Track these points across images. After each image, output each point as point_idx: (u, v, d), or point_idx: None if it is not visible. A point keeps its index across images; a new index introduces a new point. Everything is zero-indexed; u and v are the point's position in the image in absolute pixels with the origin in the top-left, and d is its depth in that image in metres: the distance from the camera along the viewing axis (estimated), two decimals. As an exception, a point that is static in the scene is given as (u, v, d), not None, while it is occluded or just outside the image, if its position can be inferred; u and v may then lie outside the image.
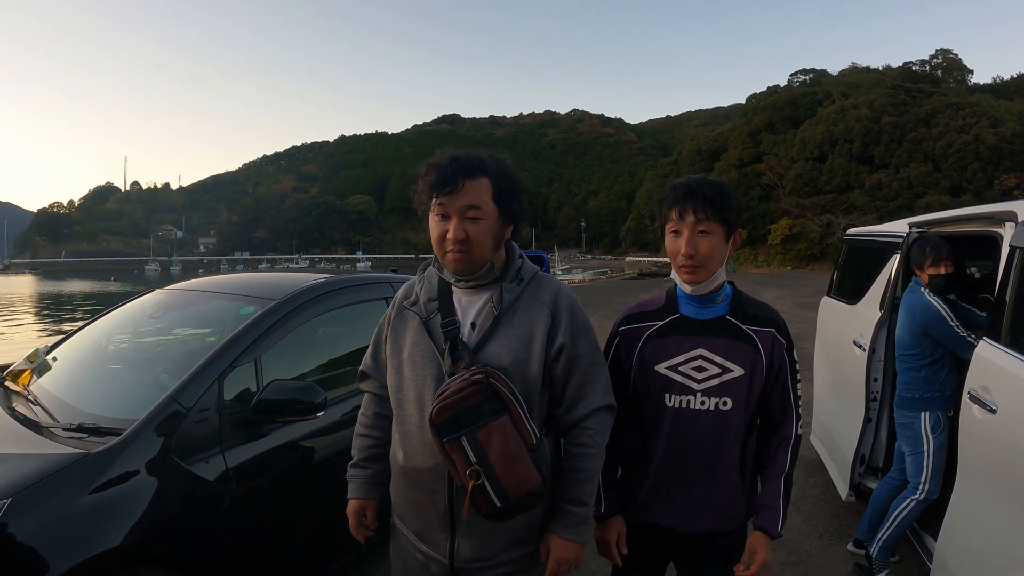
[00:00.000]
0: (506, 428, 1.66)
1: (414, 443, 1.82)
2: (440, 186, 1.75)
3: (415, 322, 1.89)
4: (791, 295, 26.35)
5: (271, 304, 3.19)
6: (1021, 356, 2.54)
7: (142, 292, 4.30)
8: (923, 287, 3.63)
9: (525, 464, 1.66)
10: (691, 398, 2.02)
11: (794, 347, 2.10)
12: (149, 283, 72.74)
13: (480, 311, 1.85)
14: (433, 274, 1.94)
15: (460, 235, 1.74)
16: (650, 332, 2.09)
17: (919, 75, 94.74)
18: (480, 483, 1.63)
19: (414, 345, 1.87)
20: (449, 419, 1.65)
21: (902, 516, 3.58)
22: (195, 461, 2.59)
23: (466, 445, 1.65)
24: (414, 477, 1.84)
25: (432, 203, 1.78)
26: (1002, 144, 65.44)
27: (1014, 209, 2.99)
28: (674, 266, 2.05)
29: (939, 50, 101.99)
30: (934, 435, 3.54)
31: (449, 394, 1.67)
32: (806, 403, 7.30)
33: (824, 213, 70.90)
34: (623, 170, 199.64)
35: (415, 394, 1.83)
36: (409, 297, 1.96)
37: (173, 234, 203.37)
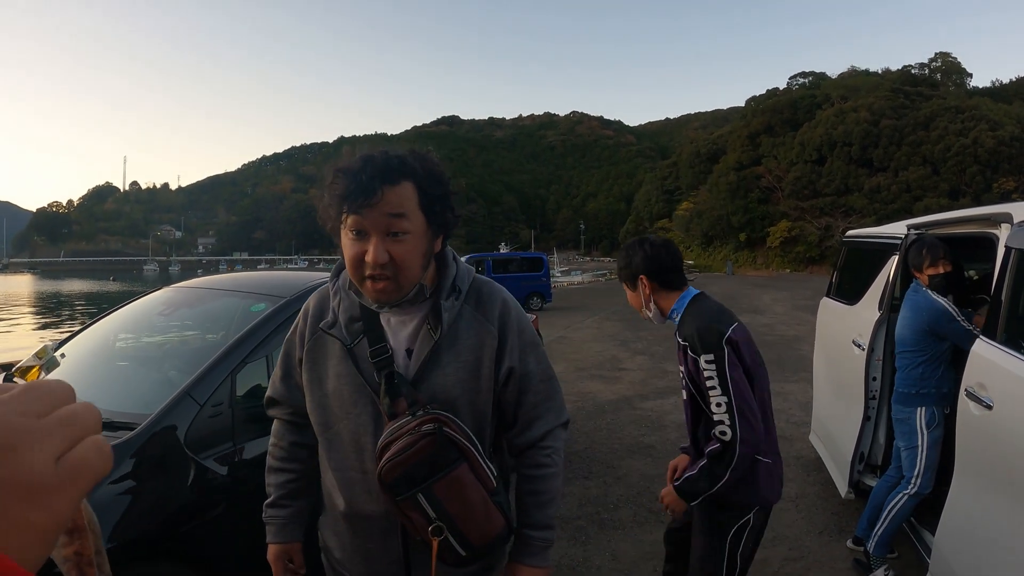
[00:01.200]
0: (464, 477, 1.48)
1: (357, 489, 1.58)
2: (354, 196, 1.40)
3: (336, 347, 1.59)
4: (790, 298, 26.42)
5: (282, 301, 3.24)
6: (1017, 354, 2.60)
7: (150, 290, 4.35)
8: (924, 287, 3.69)
9: (488, 511, 1.51)
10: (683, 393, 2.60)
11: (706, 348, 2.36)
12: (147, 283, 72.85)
13: (415, 334, 1.58)
14: (348, 289, 1.62)
15: (383, 258, 1.41)
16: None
17: (918, 78, 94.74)
18: (443, 538, 1.46)
19: (339, 377, 1.58)
20: (401, 477, 1.44)
21: (896, 511, 3.66)
22: (208, 455, 2.66)
23: (423, 502, 1.45)
24: (360, 525, 1.61)
25: (344, 218, 1.45)
26: (1001, 147, 65.49)
27: (1010, 211, 3.06)
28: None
29: (938, 53, 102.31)
30: (929, 430, 3.62)
31: (399, 451, 1.44)
32: (806, 403, 7.38)
33: (823, 216, 70.94)
34: (622, 172, 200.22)
35: (351, 437, 1.57)
36: (324, 317, 1.64)
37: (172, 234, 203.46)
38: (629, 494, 5.00)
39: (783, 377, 9.63)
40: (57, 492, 0.41)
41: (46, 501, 0.41)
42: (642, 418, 7.29)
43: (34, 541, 0.40)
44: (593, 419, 7.32)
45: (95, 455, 0.44)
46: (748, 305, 22.21)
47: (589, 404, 8.06)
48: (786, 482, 5.18)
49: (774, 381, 9.18)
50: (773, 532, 4.37)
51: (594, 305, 23.91)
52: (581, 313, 20.93)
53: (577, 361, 11.30)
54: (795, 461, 5.79)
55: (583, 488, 5.13)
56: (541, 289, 23.50)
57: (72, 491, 0.43)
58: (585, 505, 4.81)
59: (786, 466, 5.57)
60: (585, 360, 11.44)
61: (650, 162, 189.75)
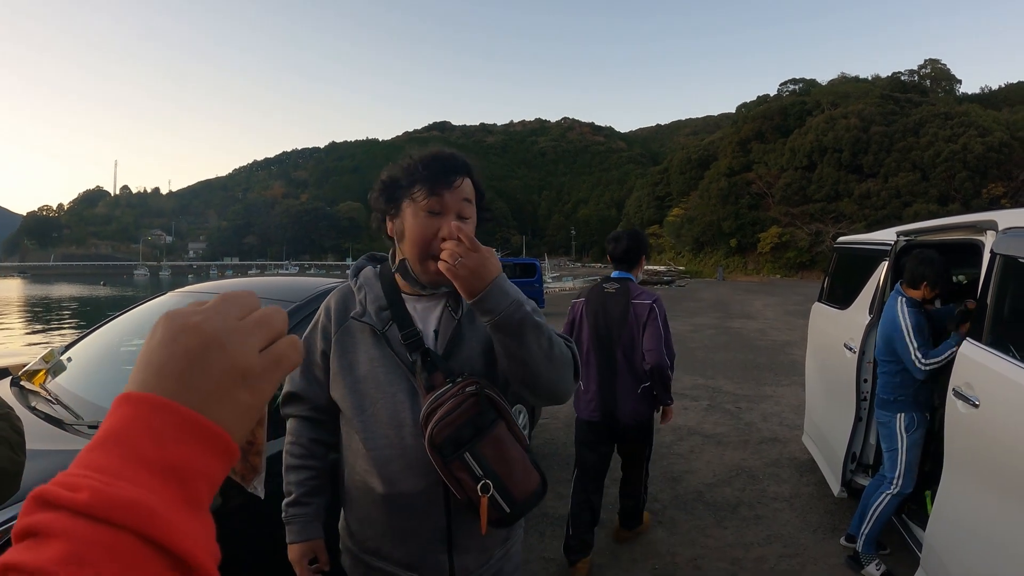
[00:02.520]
0: (504, 435, 1.61)
1: (396, 467, 1.65)
2: (439, 181, 1.59)
3: (367, 334, 1.71)
4: (781, 303, 26.54)
5: (292, 306, 3.31)
6: (1002, 354, 2.71)
7: (155, 295, 4.41)
8: (903, 296, 3.82)
9: (526, 467, 1.65)
10: None
11: None
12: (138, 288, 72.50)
13: (439, 318, 1.71)
14: (373, 280, 1.77)
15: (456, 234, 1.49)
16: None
17: (908, 85, 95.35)
18: (490, 494, 1.56)
19: (372, 360, 1.68)
20: (450, 438, 1.54)
21: (880, 510, 3.79)
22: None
23: (471, 461, 1.56)
24: (401, 503, 1.66)
25: (419, 196, 1.60)
26: (990, 153, 65.95)
27: (995, 219, 3.18)
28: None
29: (928, 60, 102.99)
30: (908, 434, 3.76)
31: (447, 412, 1.54)
32: (798, 406, 7.49)
33: (813, 222, 71.32)
34: (613, 178, 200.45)
35: (388, 414, 1.65)
36: (350, 309, 1.76)
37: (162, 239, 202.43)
38: (613, 495, 5.07)
39: (775, 381, 9.75)
40: (261, 377, 0.51)
41: (254, 384, 0.50)
42: (637, 421, 7.37)
43: (243, 417, 0.50)
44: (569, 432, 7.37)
45: (290, 348, 0.54)
46: (740, 311, 22.40)
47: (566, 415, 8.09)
48: (780, 482, 5.32)
49: (767, 385, 9.28)
50: (768, 531, 4.47)
51: (587, 310, 23.92)
52: (574, 318, 20.84)
53: (571, 366, 11.26)
54: (789, 462, 5.89)
55: (568, 489, 5.19)
56: (534, 295, 23.34)
57: (274, 376, 0.53)
58: (581, 506, 4.90)
59: (780, 467, 5.72)
60: (579, 365, 11.41)
61: (641, 168, 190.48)
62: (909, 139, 72.83)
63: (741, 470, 5.69)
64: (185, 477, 0.44)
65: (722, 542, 4.34)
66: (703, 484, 5.36)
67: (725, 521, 4.65)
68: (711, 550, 4.24)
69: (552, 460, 5.99)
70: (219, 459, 0.47)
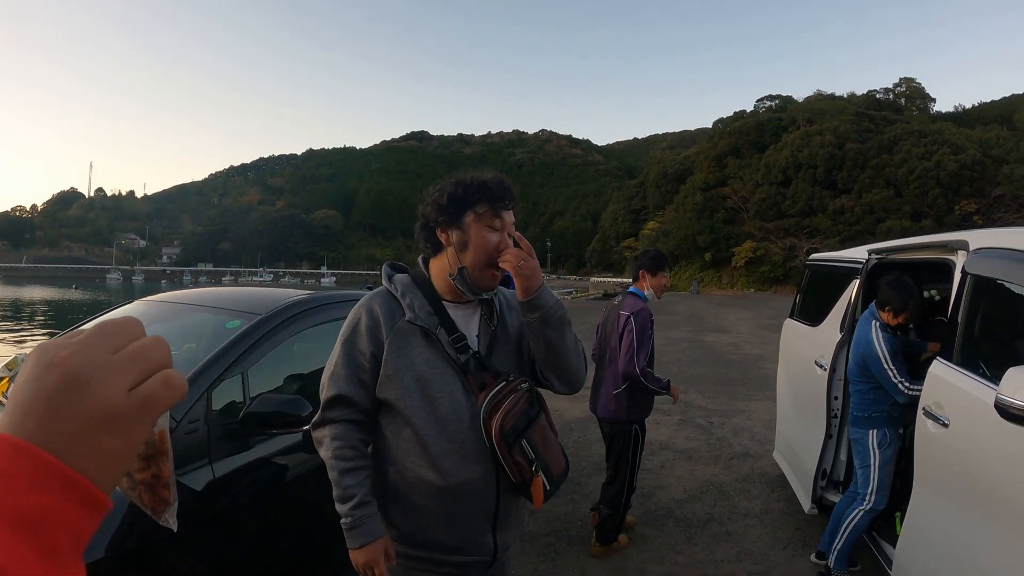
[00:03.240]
0: (545, 424, 1.94)
1: (454, 459, 1.82)
2: (503, 202, 1.87)
3: (419, 336, 1.86)
4: (754, 317, 26.72)
5: (257, 318, 3.24)
6: (971, 374, 2.72)
7: (123, 302, 4.34)
8: (876, 320, 3.83)
9: (559, 450, 1.97)
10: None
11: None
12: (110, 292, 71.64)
13: (477, 325, 1.96)
14: (412, 287, 1.93)
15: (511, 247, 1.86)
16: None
17: (883, 103, 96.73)
18: (539, 475, 1.83)
19: (427, 361, 1.84)
20: (512, 428, 1.80)
21: (852, 525, 3.80)
22: (183, 472, 2.63)
23: (526, 446, 1.83)
24: (459, 492, 1.83)
25: (485, 214, 1.84)
26: (963, 171, 67.01)
27: (966, 238, 3.20)
28: (657, 291, 4.52)
29: (903, 79, 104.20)
30: (880, 450, 3.77)
31: (511, 405, 1.81)
32: (769, 421, 7.51)
33: (787, 236, 72.03)
34: (589, 191, 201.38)
35: (451, 410, 1.83)
36: (397, 314, 1.89)
37: (136, 243, 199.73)
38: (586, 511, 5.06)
39: (748, 395, 9.78)
40: (130, 420, 0.46)
41: (120, 428, 0.46)
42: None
43: (110, 463, 0.46)
44: (560, 437, 7.32)
45: (163, 388, 0.49)
46: (714, 324, 22.51)
47: (556, 422, 8.06)
48: (751, 498, 5.32)
49: (739, 400, 9.31)
50: (739, 547, 4.46)
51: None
52: (549, 330, 20.80)
53: (545, 378, 11.20)
54: (760, 477, 5.90)
55: (551, 505, 5.16)
56: (509, 306, 23.36)
57: (143, 419, 0.48)
58: (553, 521, 4.85)
59: (751, 483, 5.72)
60: (553, 377, 11.36)
61: (617, 181, 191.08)
62: (883, 156, 73.87)
63: (712, 486, 5.68)
64: (40, 528, 0.41)
65: (692, 559, 4.32)
66: (673, 500, 5.34)
67: (695, 537, 4.63)
68: (681, 567, 4.21)
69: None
70: (81, 508, 0.43)
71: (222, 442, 2.83)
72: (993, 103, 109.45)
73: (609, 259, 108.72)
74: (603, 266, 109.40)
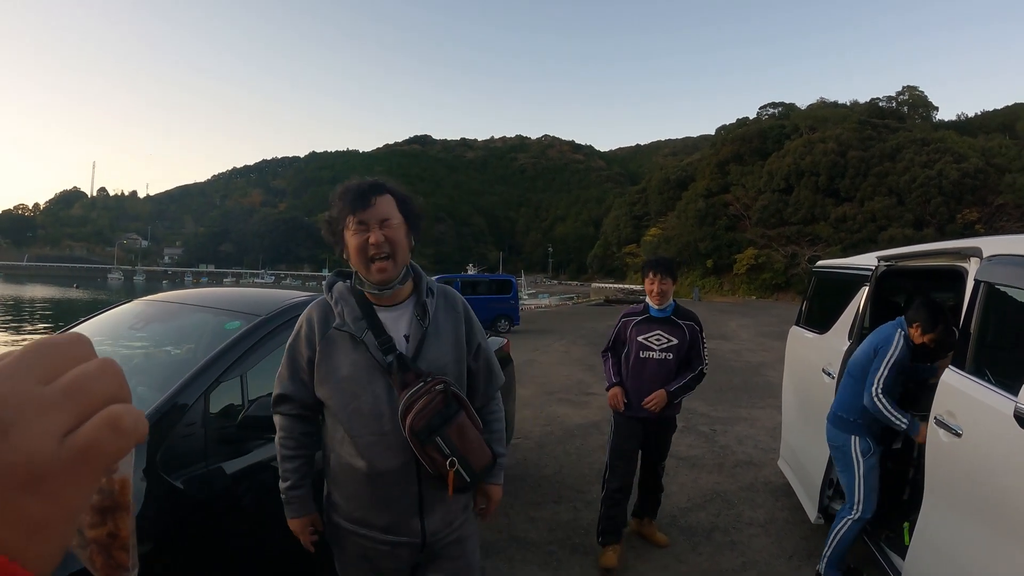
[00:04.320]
0: (465, 421, 2.03)
1: (378, 449, 2.00)
2: (357, 203, 2.00)
3: (346, 341, 2.05)
4: (755, 324, 26.71)
5: (257, 320, 3.19)
6: (984, 383, 2.67)
7: (121, 302, 4.28)
8: (904, 329, 3.75)
9: (482, 445, 2.07)
10: (653, 353, 4.34)
11: (703, 327, 4.48)
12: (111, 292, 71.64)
13: (408, 325, 2.10)
14: (347, 294, 2.11)
15: (381, 239, 1.98)
16: (635, 321, 4.43)
17: (885, 111, 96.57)
18: (455, 468, 1.97)
19: (353, 364, 2.03)
20: (424, 426, 1.93)
21: (842, 535, 3.76)
22: (180, 475, 2.59)
23: (441, 443, 1.96)
24: (381, 478, 2.03)
25: (350, 221, 2.01)
26: (965, 179, 66.88)
27: (979, 245, 3.14)
28: (649, 297, 4.41)
29: (906, 87, 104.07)
30: (864, 458, 3.74)
31: (423, 405, 1.94)
32: (773, 429, 7.46)
33: (789, 244, 71.88)
34: (591, 196, 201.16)
35: (371, 407, 2.00)
36: (330, 321, 2.09)
37: (138, 243, 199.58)
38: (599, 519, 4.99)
39: (750, 403, 9.72)
40: (62, 478, 0.34)
41: (49, 489, 0.34)
42: (612, 442, 7.28)
43: (39, 536, 0.34)
44: (562, 443, 7.30)
45: (109, 432, 0.36)
46: (715, 331, 22.40)
47: (558, 428, 8.04)
48: (755, 507, 5.26)
49: (742, 407, 9.25)
50: (743, 557, 4.40)
51: (562, 329, 23.90)
52: (549, 337, 20.83)
53: (545, 385, 11.26)
54: (764, 486, 5.84)
55: (553, 513, 5.11)
56: (509, 312, 23.24)
57: (82, 476, 0.36)
58: (555, 530, 4.79)
59: (755, 491, 5.66)
60: (553, 384, 11.42)
61: (619, 187, 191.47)
62: (886, 164, 73.71)
63: (716, 494, 5.62)
64: None
65: (696, 568, 4.26)
66: (677, 508, 5.28)
67: (700, 547, 4.57)
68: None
69: (522, 482, 5.88)
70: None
71: (220, 446, 2.78)
72: (996, 112, 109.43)
73: (611, 265, 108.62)
74: (604, 272, 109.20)
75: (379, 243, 1.98)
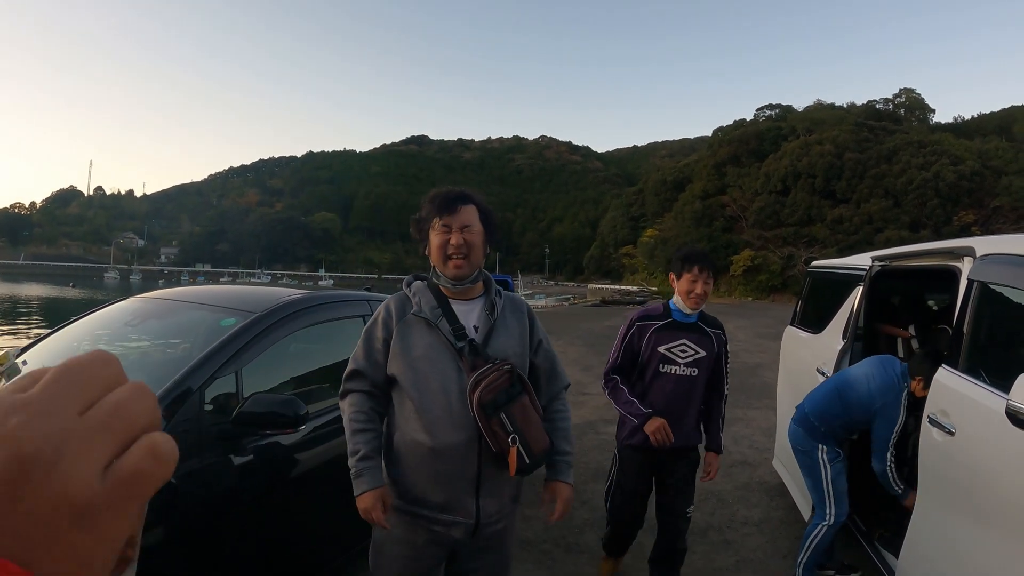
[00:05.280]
0: (527, 404, 2.20)
1: (443, 424, 2.15)
2: (444, 208, 2.25)
3: (422, 326, 2.25)
4: (752, 325, 26.72)
5: (253, 317, 3.20)
6: (977, 382, 2.68)
7: (118, 299, 4.28)
8: (907, 383, 3.63)
9: (541, 430, 2.23)
10: (676, 367, 3.51)
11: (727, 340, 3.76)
12: (108, 291, 71.43)
13: (478, 317, 2.32)
14: (424, 289, 2.33)
15: (461, 242, 2.23)
16: (655, 327, 3.56)
17: (882, 113, 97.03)
18: (516, 446, 2.12)
19: (428, 345, 2.22)
20: (491, 401, 2.11)
21: (816, 540, 3.76)
22: (174, 472, 2.58)
23: (504, 419, 2.12)
24: (445, 453, 2.16)
25: (436, 223, 2.27)
26: (961, 182, 67.20)
27: (972, 245, 3.16)
28: (683, 298, 3.51)
29: (902, 89, 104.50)
30: (831, 464, 3.76)
31: (490, 382, 2.13)
32: (768, 429, 7.47)
33: (786, 245, 72.12)
34: (588, 198, 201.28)
35: (440, 384, 2.18)
36: (407, 308, 2.30)
37: (134, 242, 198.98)
38: (594, 518, 5.00)
39: (746, 403, 9.73)
40: (108, 511, 0.34)
41: (95, 522, 0.34)
42: (606, 443, 7.26)
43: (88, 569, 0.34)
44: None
45: (150, 460, 0.36)
46: (712, 331, 22.22)
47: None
48: (750, 507, 5.27)
49: (737, 407, 9.25)
50: (738, 556, 4.41)
51: (558, 329, 23.88)
52: (546, 336, 20.77)
53: (542, 383, 11.16)
54: (759, 486, 5.85)
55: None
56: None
57: (125, 507, 0.35)
58: (551, 529, 4.78)
59: (750, 491, 5.67)
60: (550, 382, 11.32)
61: (616, 188, 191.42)
62: (882, 166, 74.04)
63: (711, 493, 5.62)
64: None
65: (691, 567, 4.25)
66: (672, 507, 5.28)
67: (694, 546, 4.56)
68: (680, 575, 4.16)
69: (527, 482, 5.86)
70: None
71: (214, 442, 2.77)
72: (992, 114, 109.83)
73: (607, 266, 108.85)
74: (601, 273, 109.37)
75: (458, 244, 2.23)
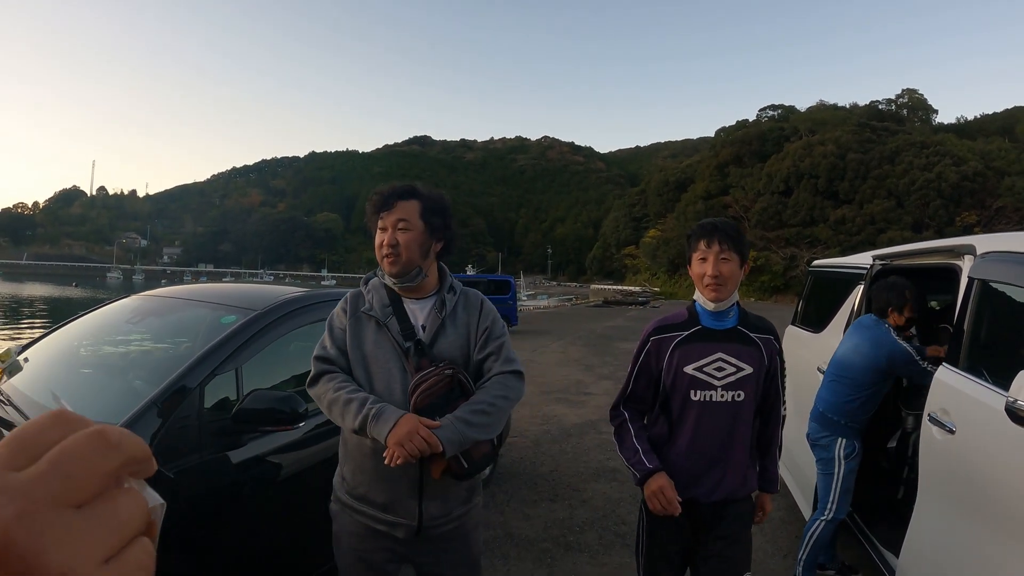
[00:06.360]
0: None
1: None
2: (380, 206, 2.23)
3: (372, 324, 2.24)
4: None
5: (253, 314, 3.19)
6: (978, 380, 2.67)
7: (118, 297, 4.28)
8: (886, 324, 3.73)
9: None
10: (712, 392, 2.41)
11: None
12: (110, 290, 71.51)
13: (428, 315, 2.28)
14: (379, 286, 2.32)
15: (392, 241, 2.18)
16: (678, 340, 2.47)
17: (885, 114, 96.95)
18: (453, 455, 2.04)
19: (375, 343, 2.21)
20: (429, 405, 2.07)
21: (815, 536, 3.75)
22: (174, 468, 2.58)
23: None
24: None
25: (376, 221, 2.24)
26: (964, 182, 67.12)
27: (973, 243, 3.15)
28: (699, 287, 2.48)
29: (905, 90, 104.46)
30: (847, 460, 3.72)
31: (428, 386, 2.09)
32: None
33: (788, 246, 72.07)
34: (591, 198, 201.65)
35: (384, 384, 2.17)
36: (362, 305, 2.29)
37: (137, 242, 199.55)
38: (594, 517, 5.00)
39: (747, 403, 9.70)
40: None
41: None
42: (607, 442, 7.27)
43: None
44: (559, 442, 7.31)
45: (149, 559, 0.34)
46: (714, 332, 22.17)
47: (555, 428, 8.05)
48: (750, 506, 5.22)
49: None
50: (737, 555, 4.39)
51: (559, 330, 23.90)
52: (547, 337, 20.84)
53: (543, 384, 11.27)
54: (759, 486, 5.82)
55: (549, 511, 5.11)
56: (507, 312, 23.08)
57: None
58: (551, 528, 4.79)
59: (750, 491, 5.63)
60: (551, 384, 11.43)
61: (619, 189, 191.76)
62: (885, 167, 73.94)
63: (711, 493, 5.62)
64: None
65: (691, 566, 4.26)
66: (673, 506, 5.27)
67: (694, 544, 4.56)
68: (679, 574, 4.15)
69: (518, 480, 5.90)
70: None
71: (214, 439, 2.77)
72: (995, 115, 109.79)
73: (610, 267, 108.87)
74: (604, 273, 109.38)
75: (389, 243, 2.18)
